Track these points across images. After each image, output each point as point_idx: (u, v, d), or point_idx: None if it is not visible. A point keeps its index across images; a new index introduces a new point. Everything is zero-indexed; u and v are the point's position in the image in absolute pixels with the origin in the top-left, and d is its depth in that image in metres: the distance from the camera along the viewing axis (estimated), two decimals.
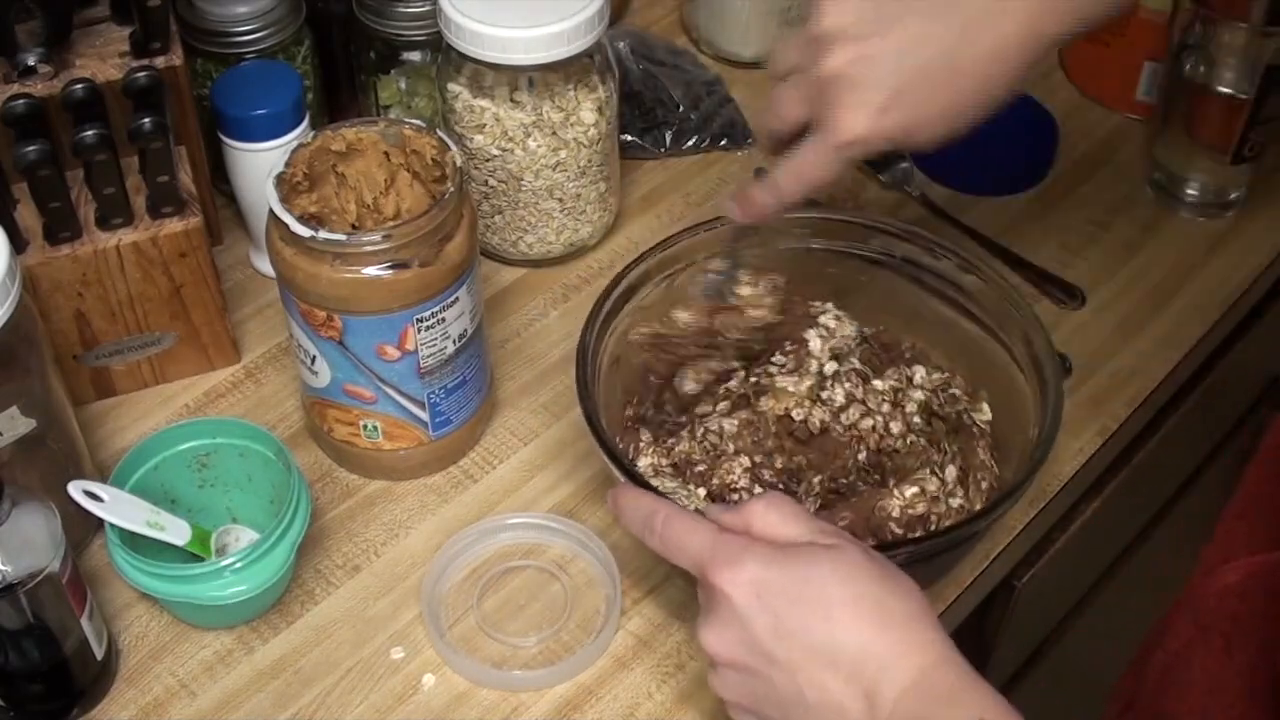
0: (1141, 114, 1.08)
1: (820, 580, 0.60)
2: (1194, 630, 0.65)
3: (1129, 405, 0.91)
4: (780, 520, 0.64)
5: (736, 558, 0.62)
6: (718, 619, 0.62)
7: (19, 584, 0.68)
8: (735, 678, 0.63)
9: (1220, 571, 0.65)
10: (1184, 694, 0.64)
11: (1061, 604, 1.16)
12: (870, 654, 0.59)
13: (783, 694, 0.61)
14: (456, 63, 0.91)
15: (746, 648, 0.61)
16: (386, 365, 0.79)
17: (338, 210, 0.81)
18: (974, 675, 0.60)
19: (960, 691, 0.59)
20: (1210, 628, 0.64)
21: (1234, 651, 0.62)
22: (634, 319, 0.83)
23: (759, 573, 0.61)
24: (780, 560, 0.61)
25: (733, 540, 0.63)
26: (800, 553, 0.62)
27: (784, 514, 0.64)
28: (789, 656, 0.60)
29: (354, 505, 0.85)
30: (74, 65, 0.87)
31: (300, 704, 0.76)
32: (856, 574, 0.61)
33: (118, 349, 0.88)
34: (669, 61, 1.13)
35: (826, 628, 0.60)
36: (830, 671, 0.59)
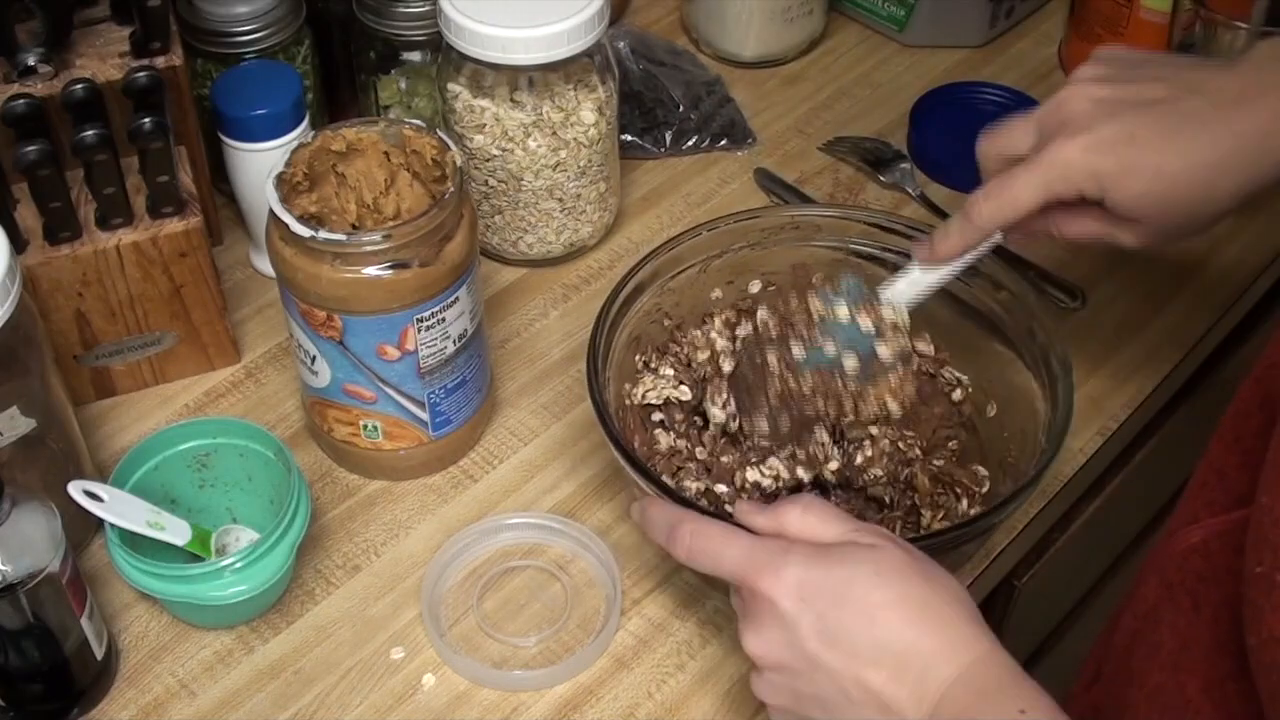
0: None
1: (864, 581, 0.61)
2: (1161, 590, 0.66)
3: (1129, 405, 0.91)
4: (819, 521, 0.64)
5: (779, 563, 0.62)
6: (760, 623, 0.63)
7: (19, 584, 0.68)
8: (779, 680, 0.63)
9: (1183, 533, 0.66)
10: (1153, 652, 0.65)
11: (1061, 604, 1.16)
12: (914, 653, 0.59)
13: (827, 695, 0.61)
14: (456, 63, 0.91)
15: (791, 650, 0.62)
16: (386, 365, 0.79)
17: (338, 210, 0.81)
18: (1017, 670, 0.60)
19: (1003, 685, 0.59)
20: (1177, 586, 0.65)
21: (1201, 608, 0.62)
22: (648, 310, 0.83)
23: (802, 575, 0.61)
24: (822, 562, 0.62)
25: (772, 544, 0.63)
26: (842, 553, 0.62)
27: (822, 515, 0.64)
28: (833, 658, 0.60)
29: (354, 505, 0.85)
30: (74, 65, 0.87)
31: (300, 704, 0.76)
32: (899, 573, 0.61)
33: (118, 349, 0.88)
34: (669, 61, 1.13)
35: (871, 629, 0.60)
36: (874, 670, 0.60)
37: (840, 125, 1.10)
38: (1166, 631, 0.65)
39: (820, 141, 1.09)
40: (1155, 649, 0.65)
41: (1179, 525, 0.67)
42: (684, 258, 0.84)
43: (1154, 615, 0.66)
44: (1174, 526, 0.68)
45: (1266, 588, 0.51)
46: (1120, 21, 1.06)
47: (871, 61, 1.17)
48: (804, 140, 1.09)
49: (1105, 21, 1.08)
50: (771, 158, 1.08)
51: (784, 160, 1.08)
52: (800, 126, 1.11)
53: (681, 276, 0.84)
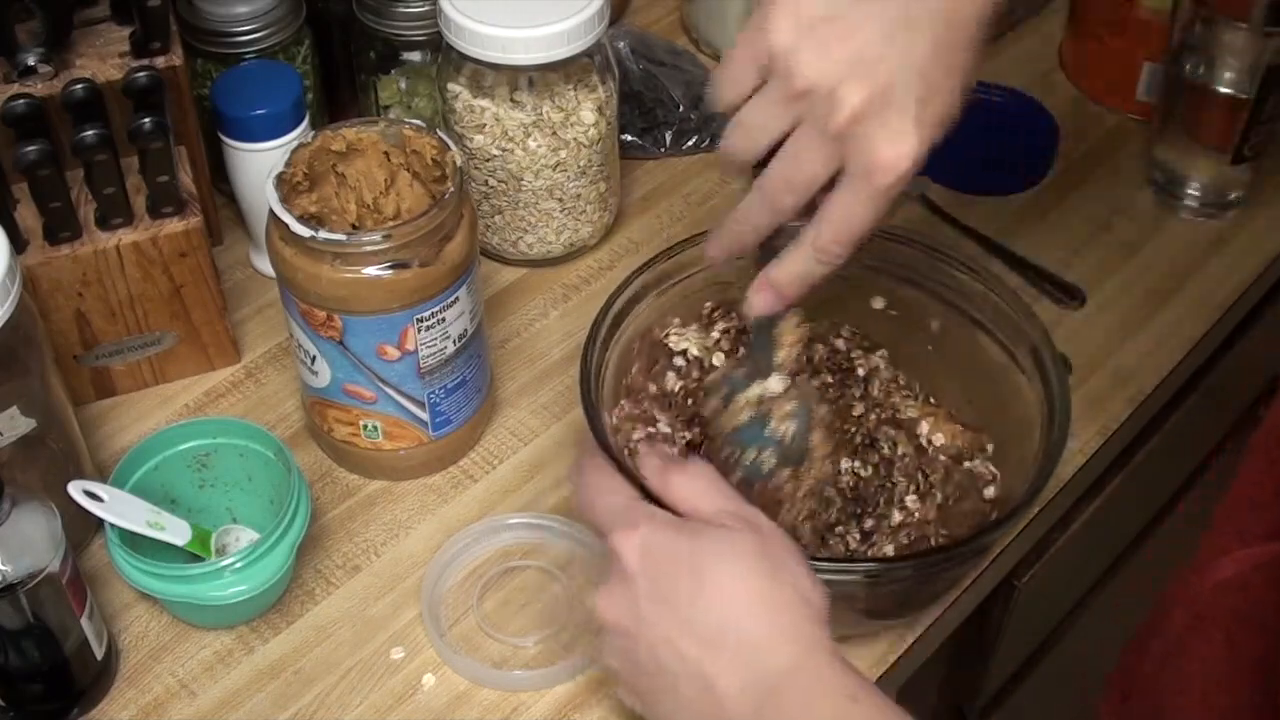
0: (1141, 114, 1.08)
1: (708, 557, 0.61)
2: (1190, 621, 0.66)
3: (1129, 405, 0.91)
4: (699, 492, 0.64)
5: (634, 522, 0.63)
6: (608, 580, 0.63)
7: (19, 584, 0.68)
8: (617, 643, 0.64)
9: (1215, 565, 0.65)
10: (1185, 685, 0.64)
11: (1061, 604, 1.16)
12: (744, 636, 0.59)
13: (654, 662, 0.61)
14: (456, 63, 0.91)
15: (627, 609, 0.62)
16: (386, 365, 0.79)
17: (338, 210, 0.81)
18: (845, 662, 0.60)
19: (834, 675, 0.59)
20: (1207, 619, 0.64)
21: (1236, 644, 0.62)
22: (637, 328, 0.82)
23: (650, 537, 0.62)
24: (676, 530, 0.62)
25: (640, 505, 0.64)
26: (700, 527, 0.62)
27: (706, 487, 0.65)
28: (660, 621, 0.61)
29: (354, 505, 0.85)
30: (74, 65, 0.87)
31: (300, 704, 0.76)
32: (746, 558, 0.61)
33: (118, 349, 0.88)
34: (669, 61, 1.13)
35: (703, 603, 0.60)
36: (700, 645, 0.60)
37: None
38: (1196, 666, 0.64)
39: None
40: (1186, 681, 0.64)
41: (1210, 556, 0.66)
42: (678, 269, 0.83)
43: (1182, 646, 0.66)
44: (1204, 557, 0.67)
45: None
46: (1120, 21, 1.06)
47: None
48: None
49: (1105, 21, 1.08)
50: None
51: None
52: None
53: (677, 288, 0.83)
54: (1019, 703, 1.18)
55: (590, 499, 0.66)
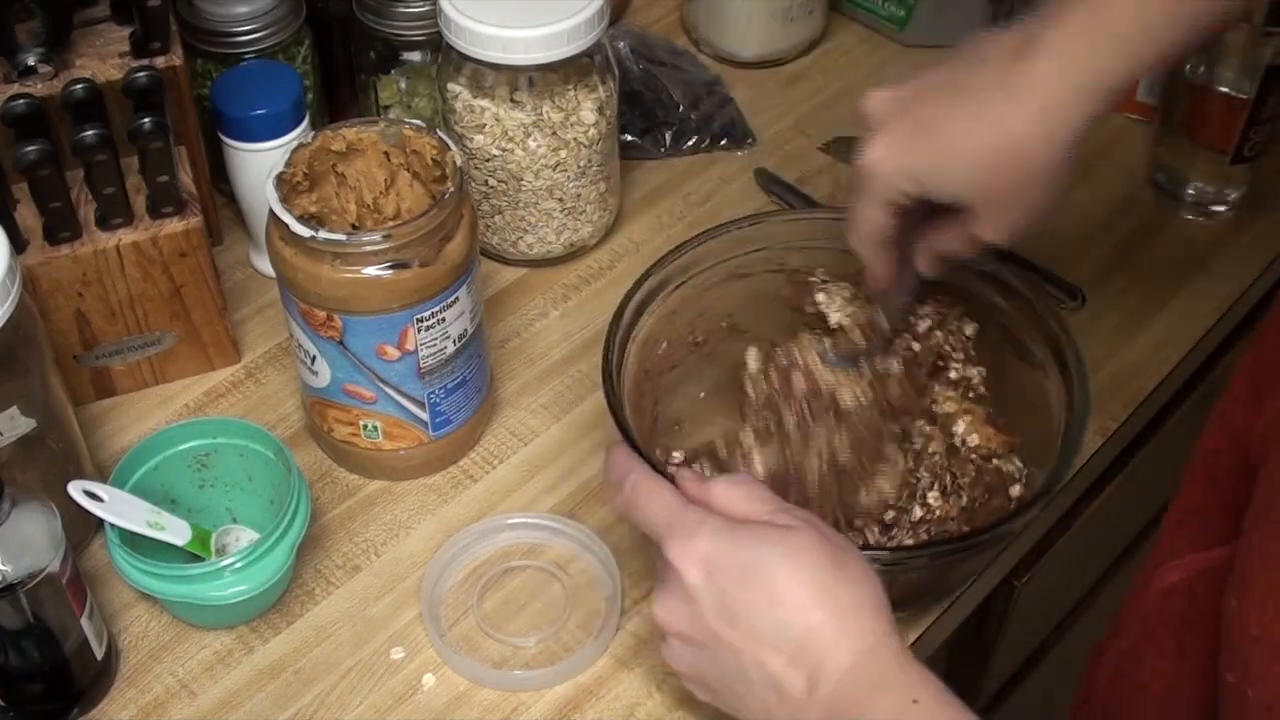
0: (1141, 114, 1.08)
1: (770, 562, 0.61)
2: (1141, 631, 0.66)
3: (1129, 405, 0.91)
4: (743, 497, 0.65)
5: (692, 531, 0.63)
6: (669, 591, 0.63)
7: (19, 584, 0.68)
8: (683, 650, 0.64)
9: (1161, 571, 0.65)
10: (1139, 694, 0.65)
11: (1061, 604, 1.16)
12: (812, 638, 0.60)
13: (725, 671, 0.62)
14: (456, 63, 0.91)
15: (693, 623, 0.62)
16: (386, 365, 0.79)
17: (338, 210, 0.81)
18: (911, 659, 0.60)
19: (895, 674, 0.60)
20: (1158, 627, 0.65)
21: (1187, 654, 0.62)
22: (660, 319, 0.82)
23: (710, 549, 0.62)
24: (733, 538, 0.62)
25: (692, 513, 0.64)
26: (755, 531, 0.62)
27: (748, 491, 0.65)
28: (733, 635, 0.61)
29: (354, 505, 0.85)
30: (74, 65, 0.87)
31: (300, 704, 0.76)
32: (807, 558, 0.61)
33: (118, 349, 0.88)
34: (669, 61, 1.13)
35: (771, 610, 0.60)
36: (771, 653, 0.60)
37: (840, 125, 1.10)
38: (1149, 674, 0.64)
39: (820, 141, 1.09)
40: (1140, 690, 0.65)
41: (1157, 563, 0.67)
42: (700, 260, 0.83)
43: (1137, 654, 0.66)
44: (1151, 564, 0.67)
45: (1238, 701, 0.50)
46: None
47: (871, 61, 1.17)
48: (804, 140, 1.09)
49: None
50: (772, 158, 1.08)
51: (784, 160, 1.08)
52: (800, 126, 1.11)
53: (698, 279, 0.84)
54: (1019, 703, 1.18)
55: (644, 505, 0.66)
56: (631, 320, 0.80)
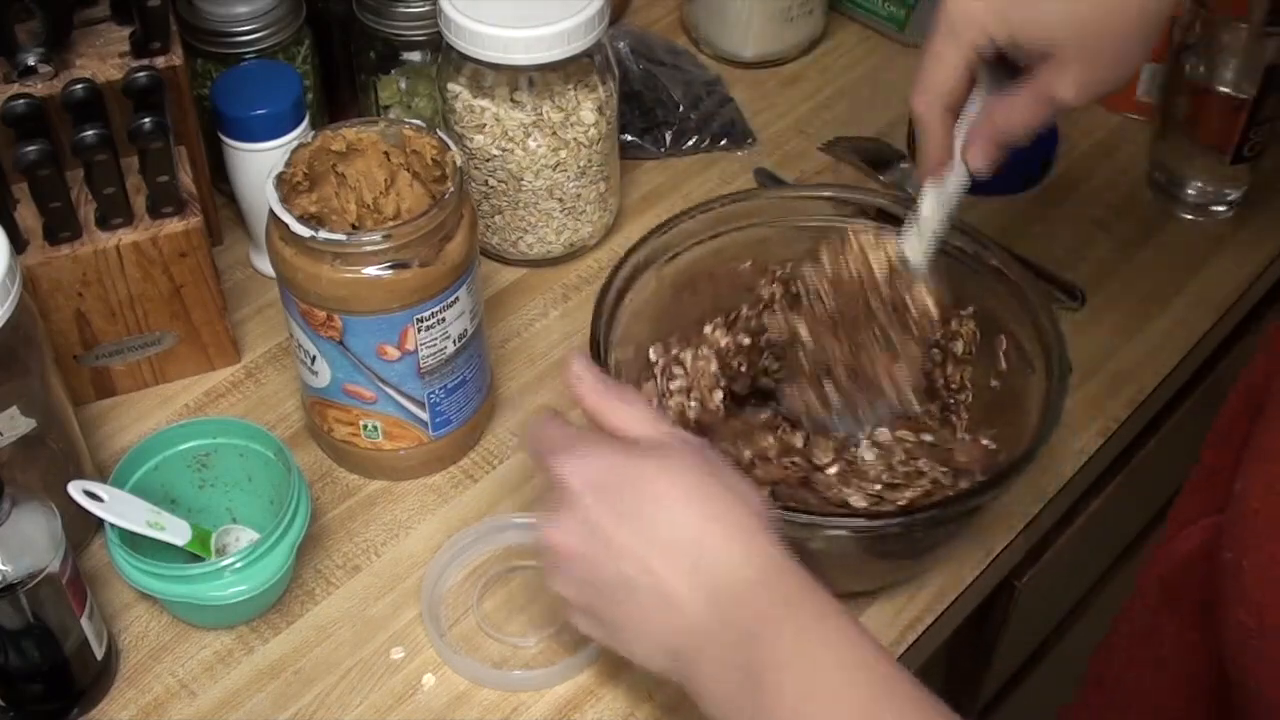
0: (1141, 114, 1.08)
1: (652, 471, 0.62)
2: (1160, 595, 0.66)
3: (1129, 405, 0.91)
4: (635, 417, 0.65)
5: (577, 448, 0.63)
6: (559, 510, 0.64)
7: (19, 584, 0.68)
8: (573, 569, 0.64)
9: (1178, 539, 0.66)
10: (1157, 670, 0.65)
11: (1061, 604, 1.16)
12: (706, 547, 0.60)
13: (614, 580, 0.62)
14: (456, 63, 0.91)
15: (586, 532, 0.62)
16: (386, 365, 0.79)
17: (338, 210, 0.81)
18: (812, 580, 0.60)
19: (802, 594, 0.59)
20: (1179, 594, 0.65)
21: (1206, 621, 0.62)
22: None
23: (599, 462, 0.63)
24: (617, 452, 0.63)
25: (580, 435, 0.65)
26: (640, 448, 0.63)
27: (640, 412, 0.66)
28: (626, 537, 0.61)
29: (354, 505, 0.85)
30: (74, 65, 0.87)
31: (300, 704, 0.76)
32: (691, 470, 0.62)
33: (118, 349, 0.88)
34: (669, 61, 1.13)
35: (661, 514, 0.61)
36: (661, 557, 0.60)
37: (840, 125, 1.10)
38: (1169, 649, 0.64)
39: (820, 141, 1.09)
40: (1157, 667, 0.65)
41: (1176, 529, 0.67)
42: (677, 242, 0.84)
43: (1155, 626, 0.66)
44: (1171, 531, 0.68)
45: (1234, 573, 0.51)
46: None
47: (871, 61, 1.17)
48: (804, 140, 1.09)
49: None
50: (771, 158, 1.08)
51: (784, 160, 1.08)
52: (800, 126, 1.11)
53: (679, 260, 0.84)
54: (1019, 703, 1.18)
55: (533, 433, 0.67)
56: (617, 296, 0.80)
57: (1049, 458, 0.86)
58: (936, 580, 0.81)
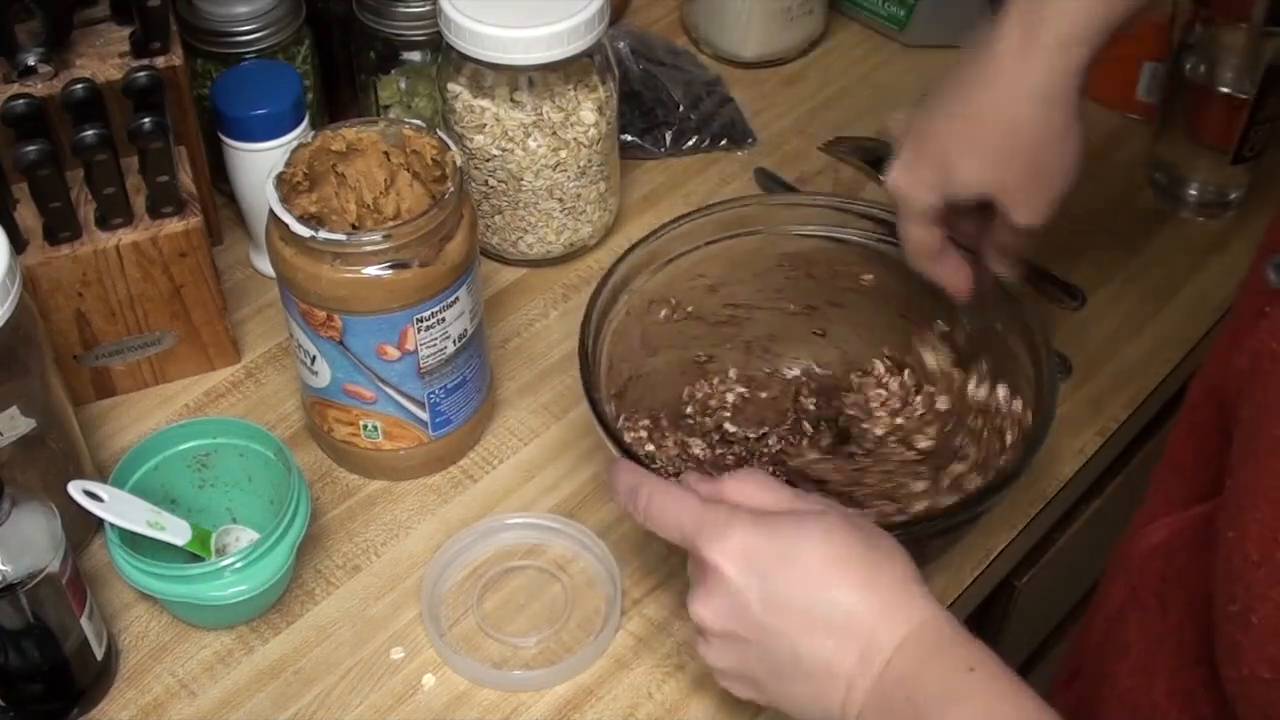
0: (1141, 114, 1.08)
1: (808, 545, 0.61)
2: (1126, 591, 0.67)
3: (1129, 405, 0.91)
4: (758, 488, 0.65)
5: (723, 528, 0.63)
6: (707, 590, 0.63)
7: (19, 584, 0.68)
8: (727, 646, 0.64)
9: (1145, 532, 0.66)
10: (1122, 654, 0.65)
11: (1061, 604, 1.16)
12: (860, 614, 0.60)
13: (775, 658, 0.62)
14: (456, 63, 0.91)
15: (737, 616, 0.62)
16: (386, 365, 0.79)
17: (338, 210, 0.81)
18: (963, 630, 0.61)
19: (951, 645, 0.60)
20: (1141, 587, 0.66)
21: (1169, 609, 0.63)
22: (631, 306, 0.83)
23: (746, 541, 0.62)
24: (766, 527, 0.62)
25: (718, 511, 0.64)
26: (784, 520, 0.63)
27: (761, 483, 0.65)
28: (781, 621, 0.61)
29: (354, 505, 0.85)
30: (74, 65, 0.87)
31: (300, 704, 0.76)
32: (842, 538, 0.62)
33: (118, 349, 0.88)
34: (669, 61, 1.13)
35: (817, 593, 0.61)
36: (822, 633, 0.60)
37: (840, 125, 1.10)
38: (1134, 632, 0.65)
39: (820, 141, 1.09)
40: (1124, 650, 0.65)
41: (1142, 524, 0.67)
42: (668, 249, 0.84)
43: (1121, 616, 0.67)
44: (1137, 525, 0.68)
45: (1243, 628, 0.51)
46: None
47: (872, 61, 1.17)
48: (804, 140, 1.09)
49: None
50: (771, 158, 1.08)
51: (784, 160, 1.08)
52: (800, 126, 1.11)
53: (668, 268, 0.84)
54: None
55: (668, 514, 0.66)
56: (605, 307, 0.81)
57: (1049, 458, 0.86)
58: (937, 580, 0.81)
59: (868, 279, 0.85)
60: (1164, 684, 0.61)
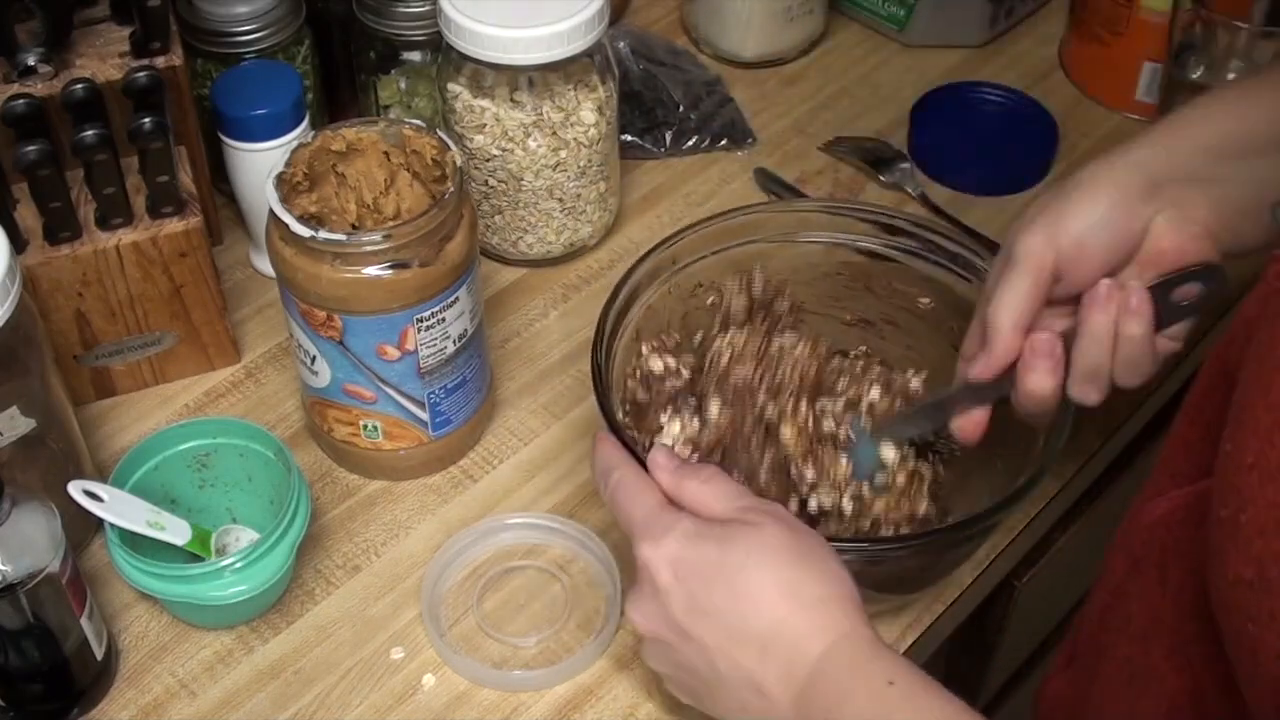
0: (1141, 114, 1.08)
1: (736, 561, 0.62)
2: (1127, 565, 0.67)
3: (1129, 405, 0.91)
4: (714, 496, 0.65)
5: (662, 533, 0.64)
6: (641, 592, 0.65)
7: (19, 584, 0.68)
8: (657, 649, 0.65)
9: (1148, 507, 0.66)
10: (1123, 625, 0.66)
11: (1061, 604, 1.16)
12: (781, 633, 0.61)
13: (699, 668, 0.63)
14: (456, 63, 0.91)
15: (665, 622, 0.64)
16: (386, 365, 0.79)
17: (338, 210, 0.81)
18: (883, 646, 0.62)
19: (869, 660, 0.61)
20: (1143, 559, 0.66)
21: (1168, 581, 0.63)
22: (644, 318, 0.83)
23: (678, 551, 0.63)
24: (701, 539, 0.63)
25: (666, 515, 0.65)
26: (722, 531, 0.63)
27: (719, 490, 0.66)
28: (702, 634, 0.62)
29: (354, 505, 0.85)
30: (74, 65, 0.87)
31: (300, 704, 0.76)
32: (772, 554, 0.62)
33: (118, 349, 0.88)
34: (669, 61, 1.13)
35: (737, 607, 0.62)
36: (741, 649, 0.61)
37: (840, 125, 1.10)
38: (1135, 605, 0.65)
39: (820, 141, 1.09)
40: (1125, 622, 0.66)
41: (1145, 500, 0.68)
42: (690, 251, 0.83)
43: (1122, 590, 0.67)
44: (1140, 501, 0.68)
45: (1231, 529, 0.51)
46: (1120, 22, 1.06)
47: (871, 61, 1.17)
48: (804, 140, 1.09)
49: (1105, 21, 1.08)
50: (771, 158, 1.08)
51: (784, 160, 1.08)
52: (800, 126, 1.11)
53: (688, 270, 0.84)
54: (1019, 703, 1.18)
55: (624, 505, 0.67)
56: (622, 309, 0.80)
57: None
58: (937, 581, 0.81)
59: (925, 302, 0.85)
60: (1163, 648, 0.62)
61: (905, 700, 0.59)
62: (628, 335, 0.80)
